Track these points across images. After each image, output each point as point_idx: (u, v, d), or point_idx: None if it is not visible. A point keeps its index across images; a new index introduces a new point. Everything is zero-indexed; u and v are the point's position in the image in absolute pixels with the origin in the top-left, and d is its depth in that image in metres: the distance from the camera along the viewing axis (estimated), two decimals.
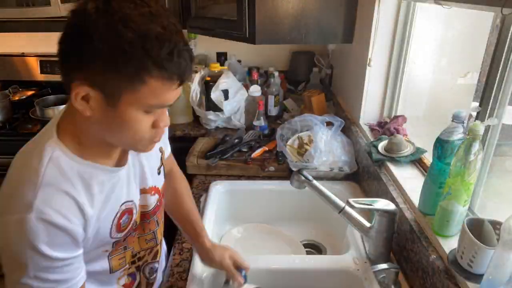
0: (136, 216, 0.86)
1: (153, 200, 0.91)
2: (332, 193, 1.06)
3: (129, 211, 0.83)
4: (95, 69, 0.61)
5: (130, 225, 0.85)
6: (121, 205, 0.80)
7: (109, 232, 0.78)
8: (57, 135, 0.69)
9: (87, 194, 0.70)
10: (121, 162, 0.80)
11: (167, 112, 0.72)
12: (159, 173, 0.93)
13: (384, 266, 0.93)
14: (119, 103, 0.63)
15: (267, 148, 1.66)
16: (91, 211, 0.71)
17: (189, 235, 1.07)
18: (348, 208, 1.02)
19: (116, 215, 0.79)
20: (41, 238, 0.63)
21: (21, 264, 0.64)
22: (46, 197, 0.64)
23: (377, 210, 0.97)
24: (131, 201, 0.83)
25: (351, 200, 0.98)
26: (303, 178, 1.11)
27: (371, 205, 0.98)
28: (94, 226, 0.73)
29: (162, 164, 0.94)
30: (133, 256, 0.91)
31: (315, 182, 1.10)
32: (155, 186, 0.91)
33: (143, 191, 0.88)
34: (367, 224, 1.02)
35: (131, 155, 0.83)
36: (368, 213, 1.29)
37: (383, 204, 0.99)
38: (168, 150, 1.03)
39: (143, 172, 0.87)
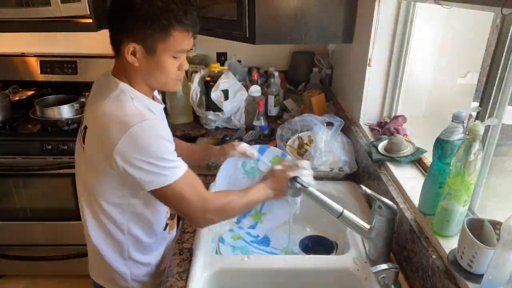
0: None
1: None
2: (329, 198, 1.05)
3: None
4: (137, 29, 0.89)
5: None
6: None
7: None
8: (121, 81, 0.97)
9: (160, 119, 0.99)
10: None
11: (185, 60, 1.00)
12: None
13: (384, 266, 0.93)
14: (156, 52, 0.92)
15: None
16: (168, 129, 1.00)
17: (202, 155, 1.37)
18: (346, 213, 1.01)
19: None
20: (163, 130, 0.93)
21: (159, 153, 0.89)
22: (146, 111, 0.92)
23: (382, 202, 0.97)
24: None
25: (363, 186, 0.99)
26: (298, 185, 1.09)
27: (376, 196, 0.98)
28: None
29: None
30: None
31: (311, 189, 1.08)
32: None
33: None
34: (367, 226, 1.02)
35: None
36: (368, 215, 1.29)
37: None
38: None
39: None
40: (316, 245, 1.27)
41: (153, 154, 0.89)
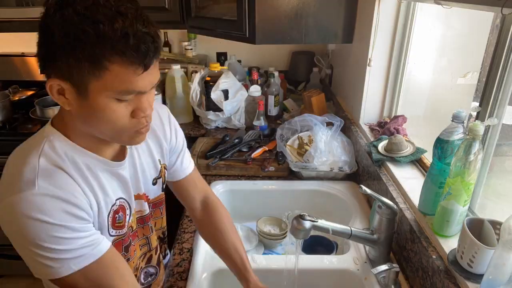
0: (131, 219, 0.87)
1: (147, 206, 0.92)
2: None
3: (123, 209, 0.83)
4: (60, 62, 0.63)
5: (126, 228, 0.85)
6: (116, 200, 0.81)
7: (106, 226, 0.79)
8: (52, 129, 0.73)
9: (81, 178, 0.72)
10: (118, 157, 0.81)
11: (148, 101, 0.71)
12: (154, 184, 0.93)
13: (384, 267, 0.93)
14: (89, 93, 0.65)
15: (267, 148, 1.66)
16: (89, 195, 0.73)
17: (234, 270, 0.98)
18: (354, 231, 0.99)
19: (112, 208, 0.79)
20: (47, 211, 0.65)
21: (36, 241, 0.65)
22: (47, 175, 0.67)
23: (383, 202, 0.97)
24: (125, 199, 0.84)
25: (363, 186, 0.98)
26: (308, 224, 0.91)
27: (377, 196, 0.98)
28: (94, 213, 0.74)
29: (160, 176, 0.94)
30: (135, 269, 0.92)
31: (320, 221, 0.94)
32: (146, 195, 0.92)
33: (138, 197, 0.89)
34: (374, 237, 1.02)
35: (128, 159, 0.83)
36: (368, 215, 1.30)
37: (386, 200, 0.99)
38: (191, 165, 1.04)
39: (137, 177, 0.87)
40: (316, 245, 1.27)
41: (30, 240, 0.65)
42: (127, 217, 0.85)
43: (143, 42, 0.63)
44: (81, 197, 0.70)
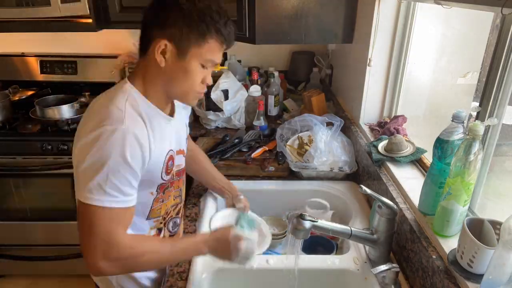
0: (175, 168, 1.04)
1: (183, 160, 1.11)
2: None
3: (172, 159, 1.02)
4: (174, 26, 0.85)
5: (172, 174, 1.03)
6: (168, 150, 0.99)
7: (160, 171, 0.96)
8: (130, 83, 0.91)
9: (150, 128, 0.89)
10: (170, 114, 1.01)
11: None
12: (185, 142, 1.15)
13: (384, 267, 0.93)
14: (187, 56, 0.87)
15: (267, 148, 1.66)
16: (152, 142, 0.89)
17: (219, 191, 1.32)
18: (354, 231, 0.99)
19: (166, 156, 0.98)
20: (129, 146, 0.82)
21: (103, 166, 0.80)
22: (131, 120, 0.85)
23: (383, 202, 0.97)
24: (173, 150, 1.02)
25: (363, 186, 0.98)
26: (308, 224, 0.92)
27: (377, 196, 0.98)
28: (153, 158, 0.90)
29: (187, 136, 1.17)
30: (166, 212, 1.08)
31: (320, 221, 0.95)
32: (184, 150, 1.12)
33: (179, 152, 1.08)
34: (374, 237, 1.02)
35: (176, 118, 1.02)
36: (368, 215, 1.29)
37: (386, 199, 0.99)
38: (188, 130, 1.24)
39: (180, 135, 1.08)
40: (316, 245, 1.27)
41: (99, 165, 0.80)
42: (174, 166, 1.04)
43: (232, 31, 0.91)
44: (147, 147, 0.87)
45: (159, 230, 1.09)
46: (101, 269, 0.85)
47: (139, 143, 0.84)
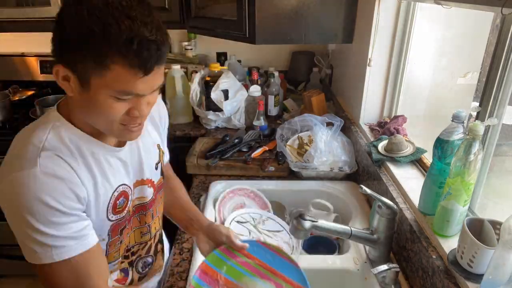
0: (130, 204, 0.88)
1: (149, 192, 0.94)
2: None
3: (125, 195, 0.85)
4: (68, 53, 0.67)
5: (125, 212, 0.86)
6: (118, 186, 0.83)
7: (106, 211, 0.81)
8: (58, 112, 0.77)
9: (84, 164, 0.75)
10: (121, 144, 0.84)
11: (148, 103, 0.74)
12: (156, 168, 0.96)
13: (384, 267, 0.93)
14: (90, 87, 0.68)
15: (267, 148, 1.66)
16: (88, 183, 0.75)
17: (187, 224, 1.06)
18: (354, 231, 0.99)
19: (113, 194, 0.81)
20: (46, 189, 0.68)
21: (29, 219, 0.67)
22: (48, 157, 0.70)
23: (383, 202, 0.97)
24: (128, 185, 0.86)
25: (363, 186, 0.97)
26: (308, 224, 0.91)
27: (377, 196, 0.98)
28: (93, 200, 0.76)
29: (160, 161, 0.98)
30: (127, 250, 0.94)
31: (320, 221, 0.94)
32: (151, 179, 0.94)
33: (141, 182, 0.91)
34: (374, 237, 1.02)
35: (129, 146, 0.86)
36: (368, 215, 1.29)
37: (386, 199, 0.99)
38: (167, 157, 1.09)
39: (141, 163, 0.90)
40: (318, 245, 1.27)
41: (24, 220, 0.68)
42: (129, 202, 0.87)
43: (147, 48, 0.64)
44: (79, 185, 0.72)
45: (124, 271, 0.95)
46: None
47: (61, 179, 0.69)
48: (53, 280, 0.72)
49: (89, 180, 0.75)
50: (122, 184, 0.84)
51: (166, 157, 1.09)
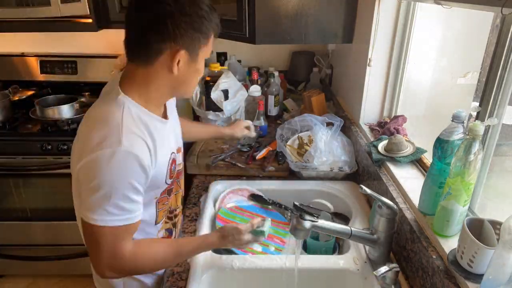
0: (176, 169, 1.05)
1: (181, 158, 1.12)
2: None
3: (174, 161, 1.02)
4: (186, 35, 0.85)
5: (174, 177, 1.03)
6: (170, 154, 1.00)
7: (164, 177, 0.97)
8: (123, 93, 0.89)
9: (151, 138, 0.88)
10: (165, 117, 1.00)
11: None
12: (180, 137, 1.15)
13: (384, 268, 0.93)
14: (198, 57, 0.91)
15: (271, 148, 1.66)
16: (153, 154, 0.88)
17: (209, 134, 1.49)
18: (354, 231, 0.99)
19: (169, 161, 0.98)
20: (128, 168, 0.81)
21: (104, 188, 0.79)
22: (129, 138, 0.82)
23: (383, 202, 0.97)
24: (174, 152, 1.03)
25: (363, 186, 0.97)
26: (308, 224, 0.92)
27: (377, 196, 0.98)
28: (155, 168, 0.90)
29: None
30: (170, 212, 1.10)
31: (320, 221, 0.95)
32: (180, 147, 1.12)
33: (179, 150, 1.09)
34: (374, 237, 1.02)
35: (171, 117, 1.03)
36: (368, 215, 1.29)
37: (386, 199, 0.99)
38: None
39: (177, 133, 1.10)
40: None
41: (100, 187, 0.80)
42: (177, 167, 1.05)
43: (220, 23, 0.94)
44: (149, 159, 0.86)
45: (169, 230, 1.11)
46: (108, 277, 0.94)
47: (139, 162, 0.83)
48: (96, 238, 0.84)
49: (153, 153, 0.88)
50: (172, 152, 1.01)
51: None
